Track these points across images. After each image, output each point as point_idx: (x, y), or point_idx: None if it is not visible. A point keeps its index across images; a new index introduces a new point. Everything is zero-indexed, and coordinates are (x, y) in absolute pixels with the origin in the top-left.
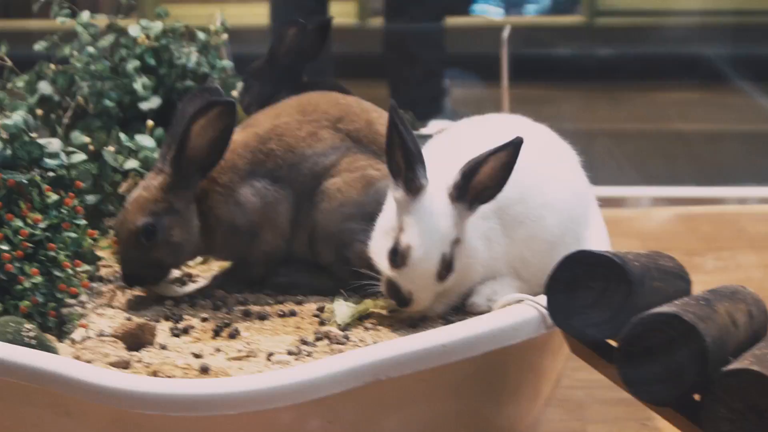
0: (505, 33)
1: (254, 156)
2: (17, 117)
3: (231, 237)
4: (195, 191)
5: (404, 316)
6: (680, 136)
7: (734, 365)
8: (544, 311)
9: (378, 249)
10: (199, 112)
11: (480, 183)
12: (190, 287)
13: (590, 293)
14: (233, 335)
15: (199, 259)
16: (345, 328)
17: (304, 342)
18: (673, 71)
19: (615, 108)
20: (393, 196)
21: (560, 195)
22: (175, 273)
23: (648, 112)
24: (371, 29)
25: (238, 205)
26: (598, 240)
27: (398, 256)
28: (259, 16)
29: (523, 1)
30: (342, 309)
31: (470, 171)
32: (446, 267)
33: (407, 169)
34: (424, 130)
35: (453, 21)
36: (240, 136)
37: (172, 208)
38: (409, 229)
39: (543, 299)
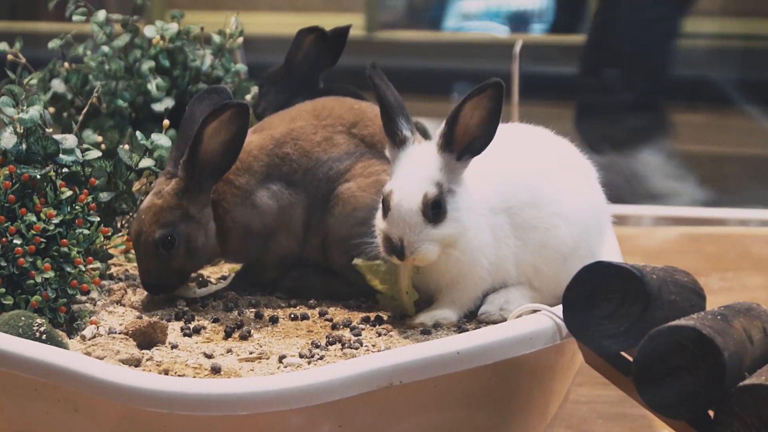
0: (517, 48)
1: (270, 159)
2: (33, 111)
3: (246, 239)
4: (210, 194)
5: (417, 322)
6: (685, 157)
7: (750, 380)
8: (560, 321)
9: (377, 214)
10: (212, 115)
11: (467, 132)
12: (207, 289)
13: (607, 305)
14: (245, 337)
15: None
16: (358, 332)
17: (316, 345)
18: (680, 93)
19: None
20: (389, 158)
21: (576, 206)
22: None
23: None
24: (379, 41)
25: (254, 208)
26: (611, 256)
27: (384, 204)
28: (267, 25)
29: (528, 20)
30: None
31: (453, 117)
32: (432, 207)
33: (389, 122)
34: None
35: (459, 37)
36: (255, 138)
37: (187, 214)
38: (392, 177)
39: (558, 309)
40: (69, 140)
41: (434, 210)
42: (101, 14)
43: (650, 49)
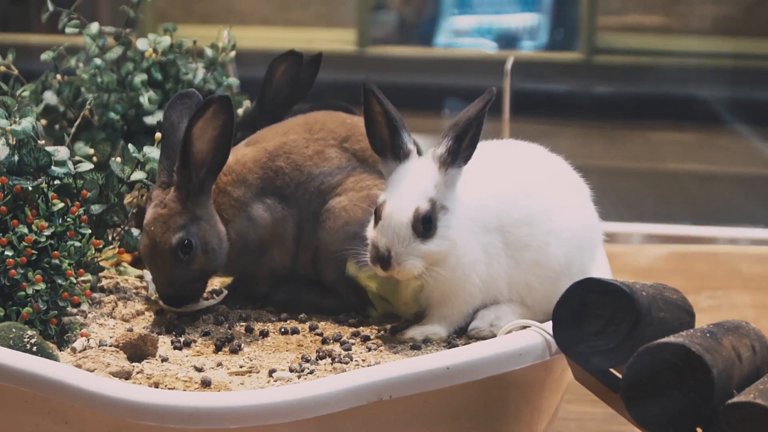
0: (509, 64)
1: (264, 172)
2: (26, 123)
3: (241, 251)
4: (210, 195)
5: (407, 337)
6: (674, 176)
7: (738, 398)
8: (550, 337)
9: (369, 225)
10: (196, 115)
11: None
12: (198, 305)
13: (597, 321)
14: (235, 350)
15: None
16: (348, 346)
17: (306, 360)
18: (670, 112)
19: (610, 146)
20: (383, 172)
21: (569, 225)
22: None
23: (643, 151)
24: (370, 57)
25: (250, 220)
26: (601, 274)
27: (376, 214)
28: (259, 39)
29: (520, 37)
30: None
31: (462, 132)
32: (423, 222)
33: (393, 136)
34: None
35: (451, 53)
36: (249, 151)
37: (195, 216)
38: (387, 188)
39: (548, 326)
40: (61, 152)
41: (424, 225)
42: (94, 27)
43: None
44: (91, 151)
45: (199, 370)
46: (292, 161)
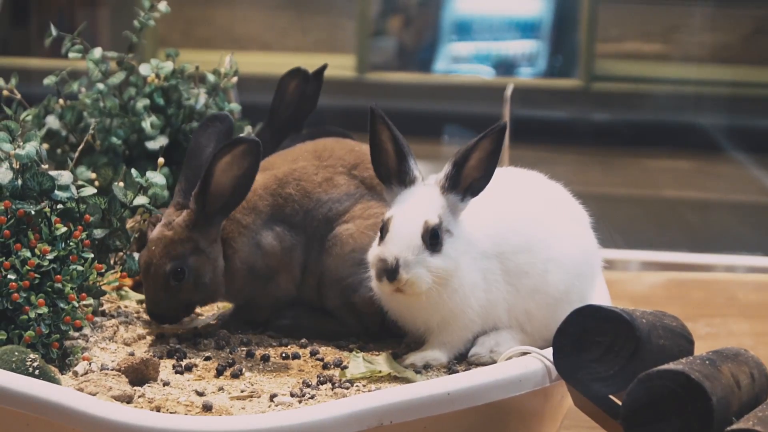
0: (508, 91)
1: (274, 200)
2: (30, 148)
3: (247, 279)
4: (219, 229)
5: (407, 363)
6: (672, 203)
7: (738, 425)
8: (550, 364)
9: (371, 248)
10: (225, 149)
11: (469, 174)
12: (196, 322)
13: (597, 348)
14: (236, 375)
15: None
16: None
17: (307, 385)
18: (668, 139)
19: (608, 172)
20: (387, 199)
21: (568, 252)
22: None
23: (641, 179)
24: (369, 83)
25: (259, 248)
26: (601, 301)
27: (383, 230)
28: (258, 65)
29: (519, 64)
30: (357, 364)
31: (461, 159)
32: (431, 235)
33: (400, 162)
34: None
35: (450, 79)
36: (259, 177)
37: (197, 247)
38: (393, 208)
39: (548, 352)
40: (64, 177)
41: (432, 239)
42: (97, 52)
43: None
44: (93, 175)
45: (201, 394)
46: (302, 188)
